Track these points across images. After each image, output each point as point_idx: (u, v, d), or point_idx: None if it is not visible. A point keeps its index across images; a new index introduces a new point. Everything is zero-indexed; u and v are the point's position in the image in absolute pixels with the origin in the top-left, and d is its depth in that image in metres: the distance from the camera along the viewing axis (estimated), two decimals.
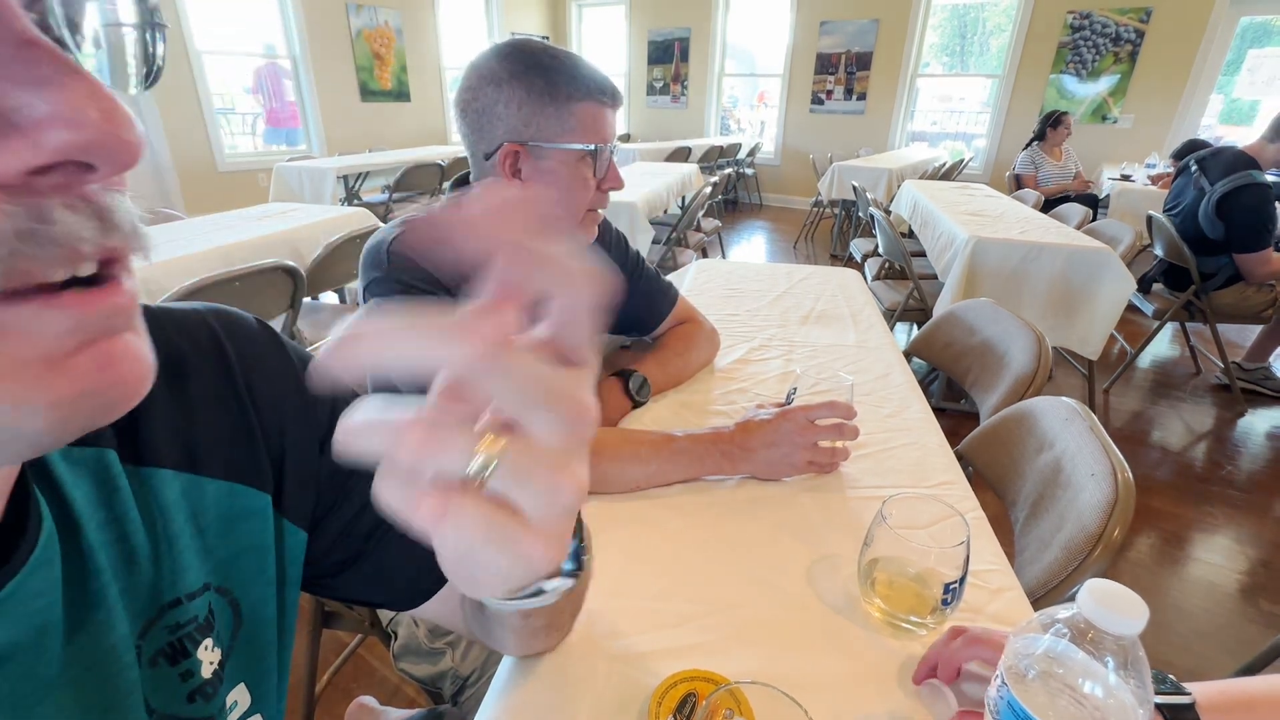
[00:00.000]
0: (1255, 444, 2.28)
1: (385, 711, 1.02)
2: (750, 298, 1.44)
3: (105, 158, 0.17)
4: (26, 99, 0.16)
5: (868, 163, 4.72)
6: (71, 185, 0.17)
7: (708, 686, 0.47)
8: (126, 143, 0.17)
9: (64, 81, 0.16)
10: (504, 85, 0.72)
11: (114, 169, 0.18)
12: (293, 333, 1.78)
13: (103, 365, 0.19)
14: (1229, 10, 4.86)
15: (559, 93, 0.72)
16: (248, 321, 0.39)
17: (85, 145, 0.16)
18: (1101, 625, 0.34)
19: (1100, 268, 2.07)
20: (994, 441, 0.96)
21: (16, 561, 0.25)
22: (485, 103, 0.73)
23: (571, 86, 0.72)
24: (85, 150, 0.17)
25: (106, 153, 0.17)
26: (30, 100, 0.16)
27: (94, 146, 0.17)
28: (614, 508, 0.71)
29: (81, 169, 0.17)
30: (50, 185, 0.17)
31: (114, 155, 0.17)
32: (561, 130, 0.73)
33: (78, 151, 0.16)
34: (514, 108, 0.72)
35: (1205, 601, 1.54)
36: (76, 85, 0.16)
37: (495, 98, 0.72)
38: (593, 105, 0.73)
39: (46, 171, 0.16)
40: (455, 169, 4.39)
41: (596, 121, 0.74)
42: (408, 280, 0.75)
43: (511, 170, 0.75)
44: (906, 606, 0.54)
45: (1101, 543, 0.66)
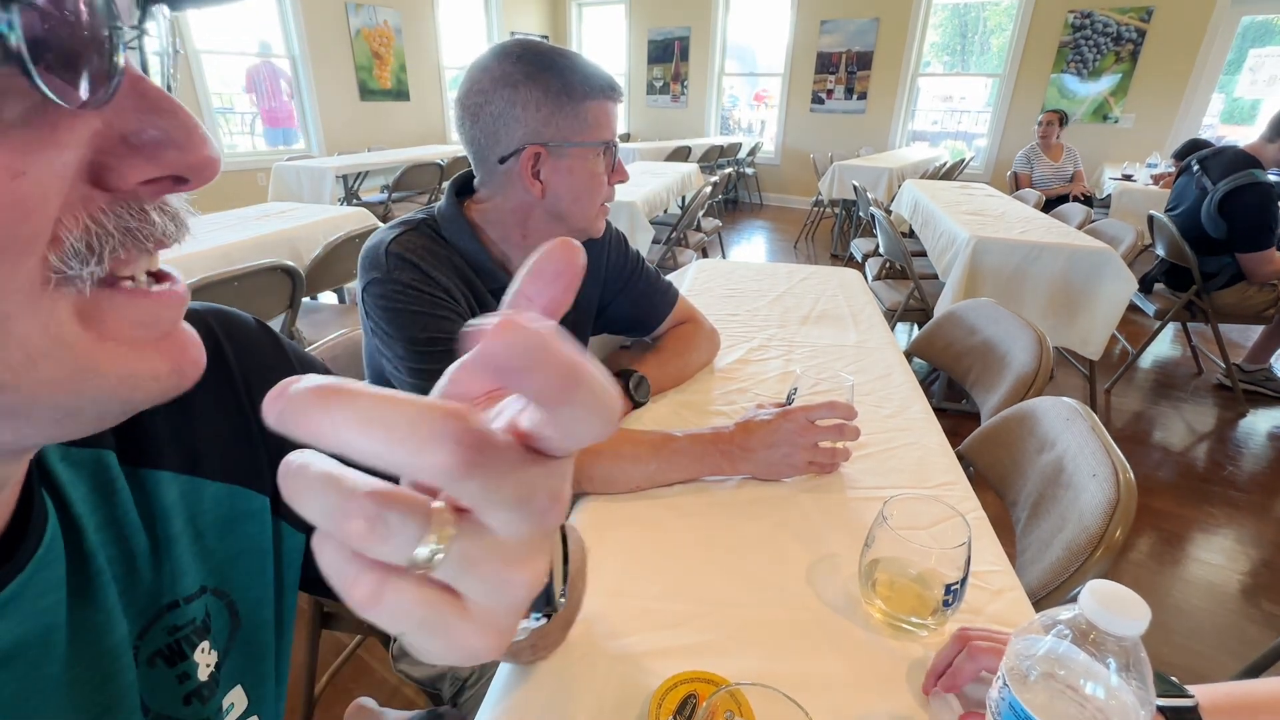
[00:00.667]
0: (1257, 445, 2.27)
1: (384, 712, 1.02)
2: (750, 298, 1.44)
3: (198, 174, 0.22)
4: (143, 126, 0.20)
5: (868, 162, 4.72)
6: (164, 193, 0.22)
7: (708, 688, 0.47)
8: (214, 161, 0.22)
9: (170, 112, 0.21)
10: (520, 87, 0.71)
11: (201, 182, 0.22)
12: (292, 332, 1.77)
13: (183, 347, 0.23)
14: (1230, 10, 4.86)
15: (575, 91, 0.72)
16: (247, 322, 0.39)
17: (188, 164, 0.21)
18: (1103, 626, 0.34)
19: (1101, 267, 2.06)
20: (995, 442, 0.95)
21: (21, 559, 0.25)
22: (500, 106, 0.72)
23: (586, 85, 0.73)
24: (186, 168, 0.21)
25: (199, 170, 0.21)
26: (146, 127, 0.20)
27: (193, 165, 0.21)
28: (614, 508, 0.70)
29: (176, 181, 0.21)
30: (151, 192, 0.21)
31: (204, 172, 0.22)
32: (579, 128, 0.74)
33: (181, 168, 0.21)
34: (532, 109, 0.72)
35: (1207, 602, 1.54)
36: (178, 115, 0.21)
37: (512, 100, 0.72)
38: (603, 102, 0.75)
39: (152, 182, 0.21)
40: (454, 169, 4.39)
41: (607, 117, 0.76)
42: (406, 281, 0.75)
43: (532, 173, 0.75)
44: (907, 607, 0.54)
45: (1103, 543, 0.66)
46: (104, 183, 0.20)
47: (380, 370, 0.81)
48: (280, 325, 1.73)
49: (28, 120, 0.18)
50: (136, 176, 0.20)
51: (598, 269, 0.99)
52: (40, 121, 0.18)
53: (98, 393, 0.21)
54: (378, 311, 0.75)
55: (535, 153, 0.74)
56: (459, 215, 0.82)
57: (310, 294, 1.97)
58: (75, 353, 0.20)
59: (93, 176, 0.20)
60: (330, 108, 5.37)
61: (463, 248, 0.81)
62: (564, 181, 0.77)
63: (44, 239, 0.19)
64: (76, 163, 0.19)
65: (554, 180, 0.76)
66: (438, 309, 0.76)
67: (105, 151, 0.20)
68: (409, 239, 0.78)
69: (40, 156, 0.18)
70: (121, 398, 0.22)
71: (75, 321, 0.20)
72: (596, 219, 0.83)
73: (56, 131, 0.19)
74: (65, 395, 0.20)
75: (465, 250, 0.82)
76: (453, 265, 0.80)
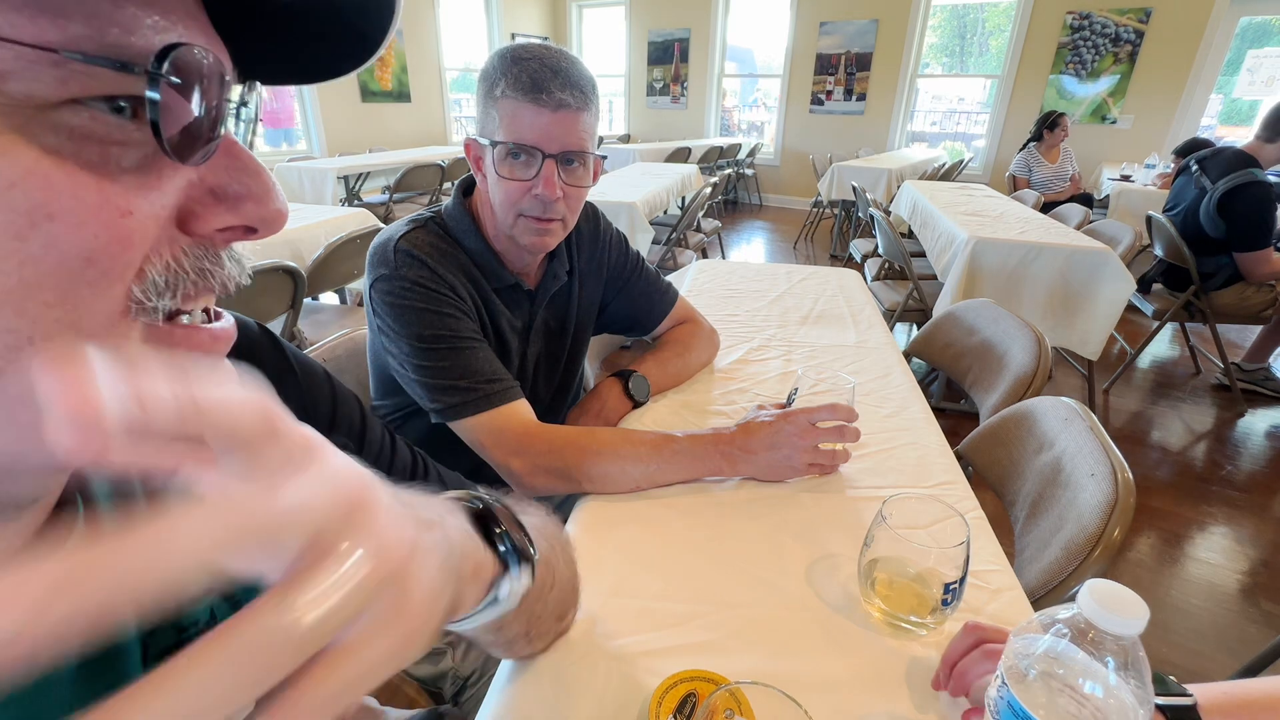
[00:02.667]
0: (1255, 444, 2.28)
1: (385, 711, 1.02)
2: (750, 298, 1.44)
3: (268, 226, 0.24)
4: (231, 182, 0.23)
5: (867, 163, 4.73)
6: (235, 239, 0.24)
7: (708, 687, 0.47)
8: (283, 215, 0.25)
9: (255, 172, 0.24)
10: (478, 85, 0.76)
11: (269, 233, 0.25)
12: (293, 333, 1.78)
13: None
14: (1229, 10, 4.86)
15: (492, 90, 0.73)
16: (248, 325, 0.39)
17: (261, 217, 0.24)
18: (1102, 625, 0.34)
19: (1100, 268, 2.07)
20: (994, 441, 0.96)
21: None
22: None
23: (502, 84, 0.72)
24: (260, 220, 0.24)
25: (270, 223, 0.24)
26: (232, 184, 0.23)
27: (266, 218, 0.24)
28: (614, 508, 0.71)
29: (247, 230, 0.24)
30: (225, 239, 0.24)
31: (274, 225, 0.24)
32: (492, 126, 0.74)
33: (256, 221, 0.24)
34: (476, 106, 0.77)
35: (1205, 601, 1.54)
36: (261, 175, 0.24)
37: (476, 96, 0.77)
38: (510, 101, 0.71)
39: (226, 230, 0.24)
40: (455, 169, 4.39)
41: (515, 119, 0.72)
42: (414, 278, 0.75)
43: (476, 165, 0.80)
44: (907, 607, 0.54)
45: (1101, 543, 0.66)
46: (188, 227, 0.23)
47: (384, 367, 0.82)
48: (282, 326, 1.73)
49: (141, 168, 0.21)
50: (218, 224, 0.23)
51: (599, 270, 0.99)
52: (150, 169, 0.21)
53: None
54: (384, 308, 0.76)
55: (468, 144, 0.79)
56: (464, 214, 0.83)
57: (311, 294, 1.97)
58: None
59: (180, 221, 0.22)
60: (331, 109, 5.36)
61: (469, 246, 0.82)
62: (487, 179, 0.78)
63: (133, 271, 0.21)
64: (173, 207, 0.22)
65: (484, 176, 0.79)
66: (444, 306, 0.76)
67: (194, 200, 0.23)
68: (417, 236, 0.78)
69: (146, 199, 0.21)
70: None
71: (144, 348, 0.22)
72: (518, 229, 0.78)
73: (161, 179, 0.21)
74: None
75: (471, 249, 0.82)
76: (459, 264, 0.80)
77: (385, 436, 0.47)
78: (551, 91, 0.70)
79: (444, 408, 0.75)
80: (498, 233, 0.83)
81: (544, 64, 0.71)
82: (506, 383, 0.78)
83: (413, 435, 0.71)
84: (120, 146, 0.20)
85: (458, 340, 0.76)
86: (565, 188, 0.76)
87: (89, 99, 0.18)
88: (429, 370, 0.75)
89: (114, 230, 0.19)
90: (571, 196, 0.78)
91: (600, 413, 0.89)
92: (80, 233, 0.19)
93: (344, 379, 0.55)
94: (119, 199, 0.20)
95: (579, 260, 0.96)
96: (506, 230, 0.80)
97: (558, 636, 0.51)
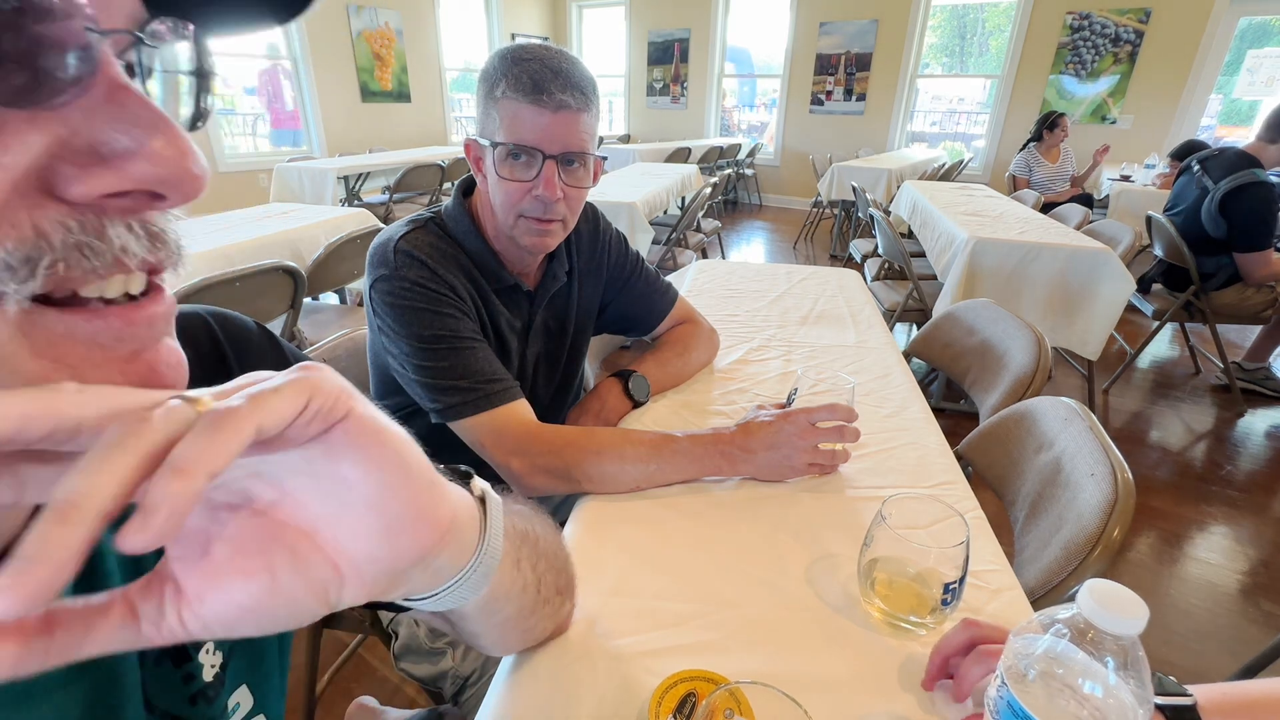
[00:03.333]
0: (1255, 444, 2.28)
1: (385, 711, 1.02)
2: (750, 298, 1.44)
3: (176, 190, 0.20)
4: (114, 135, 0.18)
5: (867, 163, 4.73)
6: (138, 209, 0.20)
7: (708, 686, 0.47)
8: (196, 178, 0.20)
9: (148, 121, 0.19)
10: (478, 85, 0.76)
11: (181, 199, 0.20)
12: (293, 333, 1.78)
13: (151, 368, 0.22)
14: (1229, 10, 4.87)
15: (492, 90, 0.73)
16: (246, 324, 0.39)
17: (161, 178, 0.19)
18: (1101, 625, 0.34)
19: (1100, 268, 2.07)
20: (993, 441, 0.96)
21: None
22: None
23: (502, 85, 0.72)
24: (160, 182, 0.19)
25: (178, 186, 0.20)
26: (118, 136, 0.18)
27: (168, 180, 0.19)
28: (614, 508, 0.71)
29: (151, 197, 0.20)
30: (119, 207, 0.19)
31: (184, 188, 0.20)
32: (492, 127, 0.74)
33: (154, 183, 0.19)
34: (476, 106, 0.77)
35: (1205, 601, 1.54)
36: (158, 126, 0.19)
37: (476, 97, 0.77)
38: (510, 102, 0.72)
39: (120, 196, 0.19)
40: (455, 170, 4.39)
41: (515, 119, 0.72)
42: (413, 278, 0.75)
43: (476, 166, 0.80)
44: (906, 606, 0.54)
45: (1101, 543, 0.66)
46: (58, 191, 0.18)
47: (385, 368, 0.82)
48: (282, 325, 1.73)
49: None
50: (97, 188, 0.18)
51: (598, 270, 0.99)
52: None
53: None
54: (384, 308, 0.76)
55: (468, 146, 0.79)
56: (464, 214, 0.83)
57: (311, 294, 1.97)
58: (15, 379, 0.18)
59: (46, 184, 0.18)
60: (332, 109, 5.37)
61: (468, 246, 0.82)
62: (487, 180, 0.78)
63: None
64: (25, 167, 0.18)
65: (484, 176, 0.79)
66: (444, 306, 0.76)
67: (65, 159, 0.18)
68: (417, 237, 0.78)
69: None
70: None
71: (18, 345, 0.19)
72: (519, 230, 0.78)
73: (2, 133, 0.17)
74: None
75: (471, 249, 0.82)
76: (459, 264, 0.81)
77: None
78: (552, 92, 0.70)
79: (444, 408, 0.75)
80: (498, 233, 0.83)
81: (545, 65, 0.71)
82: (506, 383, 0.78)
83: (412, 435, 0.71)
84: None
85: (458, 340, 0.76)
86: (566, 188, 0.76)
87: None
88: (429, 370, 0.75)
89: None
90: (572, 197, 0.78)
91: (600, 413, 0.89)
92: None
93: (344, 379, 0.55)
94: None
95: (578, 261, 0.96)
96: (507, 231, 0.80)
97: (558, 627, 0.50)
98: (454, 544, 0.28)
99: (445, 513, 0.27)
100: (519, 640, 0.47)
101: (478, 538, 0.31)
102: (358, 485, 0.23)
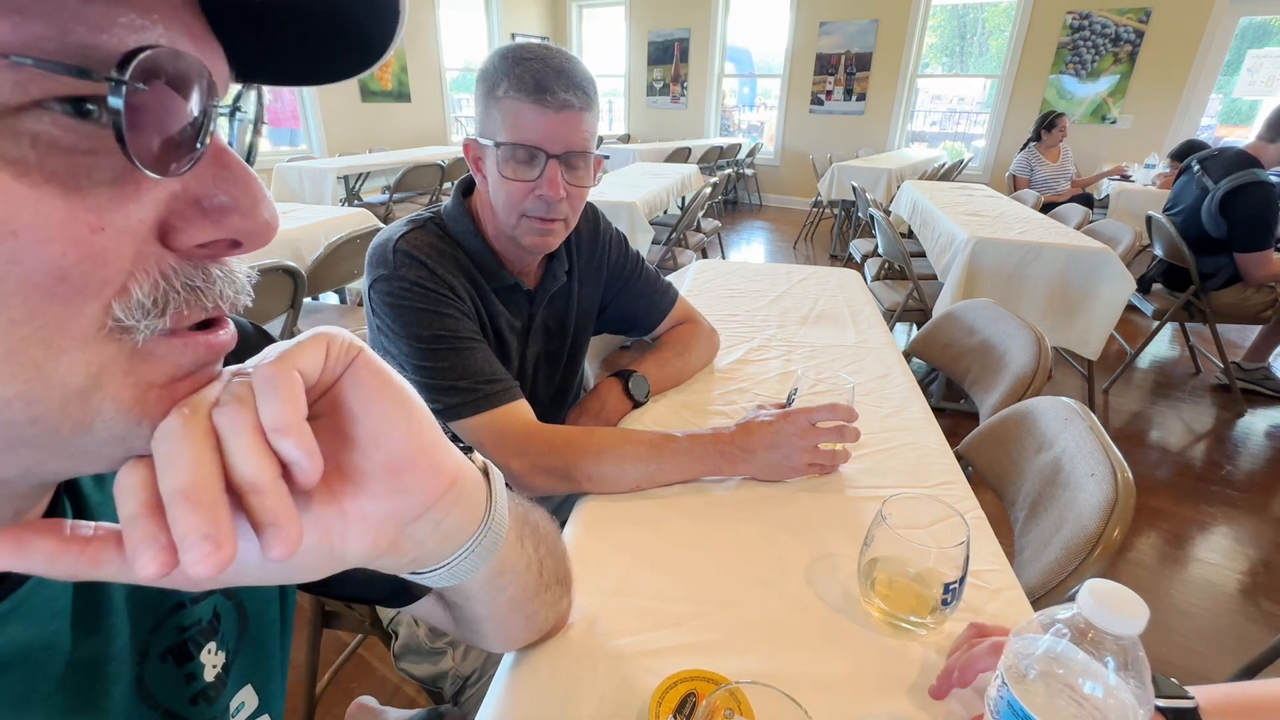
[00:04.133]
0: (1255, 444, 2.28)
1: (385, 711, 1.02)
2: (750, 298, 1.44)
3: (254, 239, 0.23)
4: (215, 191, 0.22)
5: (867, 163, 4.73)
6: (218, 255, 0.23)
7: (708, 686, 0.47)
8: (272, 229, 0.23)
9: (243, 181, 0.22)
10: (479, 83, 0.76)
11: (255, 247, 0.23)
12: (293, 333, 1.77)
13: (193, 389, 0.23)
14: (1229, 10, 4.87)
15: (496, 90, 0.73)
16: (244, 327, 0.39)
17: (245, 230, 0.22)
18: (1101, 625, 0.34)
19: (1100, 268, 2.07)
20: (993, 441, 0.96)
21: None
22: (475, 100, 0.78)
23: (504, 85, 0.72)
24: (244, 233, 0.22)
25: (256, 236, 0.23)
26: (218, 195, 0.22)
27: (251, 231, 0.22)
28: (614, 508, 0.71)
29: (231, 244, 0.23)
30: (206, 254, 0.22)
31: (260, 238, 0.23)
32: (493, 127, 0.74)
33: (240, 233, 0.22)
34: (476, 106, 0.76)
35: (1205, 601, 1.54)
36: (249, 185, 0.22)
37: (476, 95, 0.77)
38: (512, 102, 0.72)
39: (206, 245, 0.22)
40: (455, 170, 4.39)
41: (518, 119, 0.72)
42: (412, 278, 0.75)
43: (475, 166, 0.79)
44: (906, 606, 0.54)
45: (1101, 543, 0.66)
46: (169, 242, 0.21)
47: None
48: (282, 326, 1.73)
49: (115, 180, 0.19)
50: (200, 238, 0.22)
51: (598, 270, 0.99)
52: (125, 182, 0.19)
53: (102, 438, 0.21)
54: (384, 308, 0.76)
55: (468, 144, 0.78)
56: (464, 214, 0.83)
57: (311, 294, 1.97)
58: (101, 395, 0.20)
59: (162, 235, 0.21)
60: (332, 109, 5.37)
61: (468, 246, 0.82)
62: (487, 180, 0.78)
63: (112, 288, 0.20)
64: (152, 221, 0.21)
65: (484, 177, 0.79)
66: (443, 307, 0.76)
67: (176, 213, 0.21)
68: (416, 236, 0.78)
69: (119, 214, 0.19)
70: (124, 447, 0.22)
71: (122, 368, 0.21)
72: (521, 229, 0.78)
73: (140, 191, 0.20)
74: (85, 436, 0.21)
75: (470, 249, 0.82)
76: (458, 264, 0.80)
77: None
78: (555, 92, 0.70)
79: (444, 408, 0.75)
80: (498, 233, 0.83)
81: (547, 64, 0.71)
82: (506, 383, 0.78)
83: None
84: (89, 156, 0.18)
85: (457, 340, 0.76)
86: (568, 187, 0.76)
87: (50, 101, 0.17)
88: (428, 370, 0.75)
89: (85, 247, 0.18)
90: (574, 196, 0.78)
91: (600, 413, 0.89)
92: (47, 249, 0.18)
93: None
94: (89, 214, 0.19)
95: (578, 260, 0.96)
96: (509, 231, 0.80)
97: (558, 621, 0.50)
98: (461, 503, 0.30)
99: (450, 465, 0.29)
100: (521, 628, 0.47)
101: (484, 505, 0.32)
102: (361, 418, 0.26)
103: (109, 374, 0.20)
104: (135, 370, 0.21)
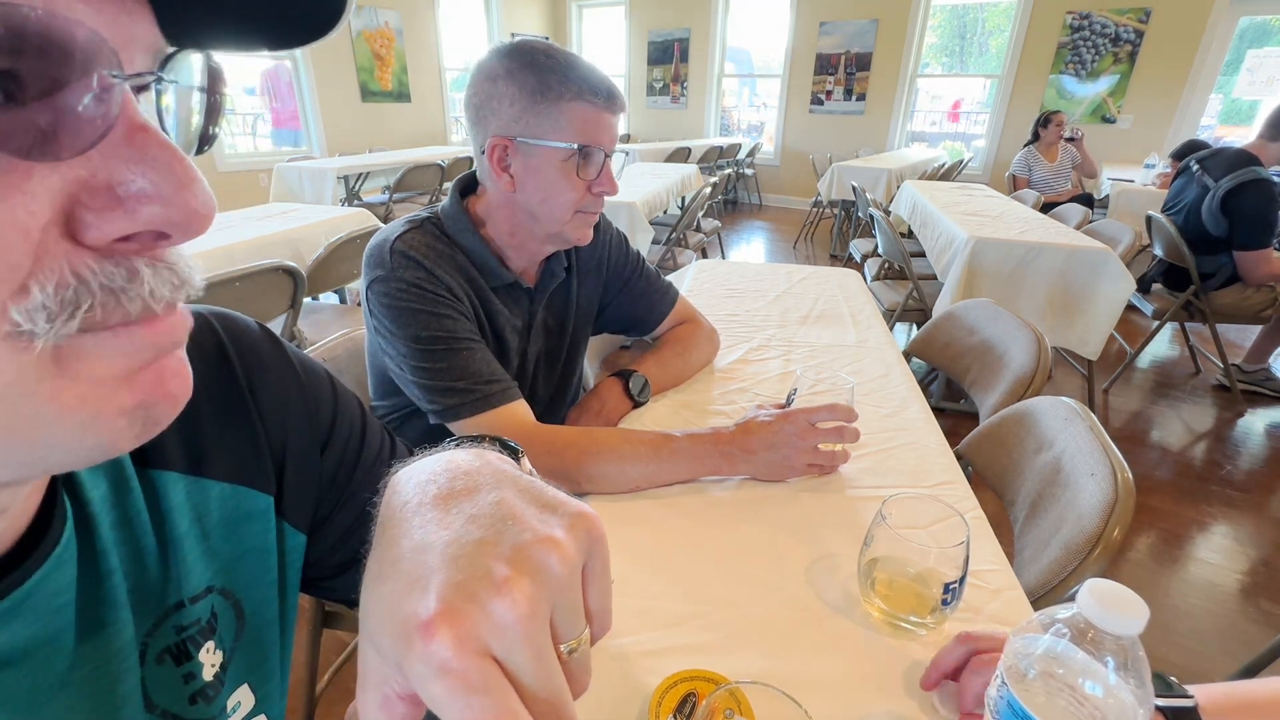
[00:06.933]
0: (1255, 444, 2.28)
1: None
2: (750, 298, 1.44)
3: (182, 230, 0.20)
4: (130, 176, 0.18)
5: (867, 163, 4.73)
6: (144, 251, 0.20)
7: (708, 686, 0.47)
8: (202, 218, 0.20)
9: (161, 164, 0.19)
10: (499, 81, 0.74)
11: (185, 238, 0.20)
12: (293, 333, 1.78)
13: (157, 382, 0.21)
14: (1228, 10, 4.87)
15: (550, 91, 0.73)
16: (250, 325, 0.39)
17: (169, 220, 0.19)
18: (1101, 625, 0.34)
19: (1100, 268, 2.07)
20: (993, 441, 0.96)
21: (39, 557, 0.25)
22: (482, 98, 0.75)
23: (564, 86, 0.73)
24: (168, 223, 0.19)
25: (184, 226, 0.20)
26: (134, 178, 0.18)
27: (176, 221, 0.19)
28: (614, 508, 0.71)
29: (157, 236, 0.19)
30: (128, 250, 0.19)
31: (190, 228, 0.20)
32: (551, 128, 0.74)
33: (162, 224, 0.19)
34: (506, 104, 0.74)
35: (1205, 601, 1.54)
36: (171, 167, 0.19)
37: (491, 93, 0.74)
38: (584, 106, 0.74)
39: (129, 239, 0.19)
40: (455, 169, 4.39)
41: (587, 123, 0.75)
42: (410, 279, 0.75)
43: (500, 165, 0.77)
44: (906, 606, 0.54)
45: (1101, 543, 0.66)
46: (79, 237, 0.18)
47: (383, 369, 0.82)
48: (282, 326, 1.73)
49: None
50: (115, 231, 0.18)
51: (598, 269, 0.99)
52: (9, 168, 0.17)
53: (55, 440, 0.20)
54: (381, 309, 0.76)
55: (503, 145, 0.76)
56: (462, 214, 0.83)
57: (311, 294, 1.97)
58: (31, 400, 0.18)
59: (71, 229, 0.18)
60: (332, 109, 5.37)
61: (466, 246, 0.82)
62: (533, 179, 0.77)
63: (6, 289, 0.17)
64: (48, 214, 0.17)
65: (524, 177, 0.78)
66: (441, 307, 0.76)
67: (85, 205, 0.18)
68: (413, 237, 0.78)
69: (2, 204, 0.16)
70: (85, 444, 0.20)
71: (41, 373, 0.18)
72: (571, 225, 0.81)
73: (29, 179, 0.17)
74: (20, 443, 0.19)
75: (469, 248, 0.82)
76: (456, 264, 0.80)
77: (385, 437, 0.47)
78: (616, 96, 0.77)
79: (442, 409, 0.75)
80: (514, 229, 0.83)
81: (592, 68, 0.75)
82: (505, 383, 0.78)
83: (411, 436, 0.71)
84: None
85: (455, 341, 0.76)
86: None
87: None
88: (427, 371, 0.75)
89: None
90: None
91: (600, 412, 0.89)
92: None
93: (343, 379, 0.55)
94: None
95: (578, 258, 0.96)
96: (557, 228, 0.81)
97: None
98: None
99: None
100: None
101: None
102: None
103: (26, 380, 0.18)
104: (68, 372, 0.19)
